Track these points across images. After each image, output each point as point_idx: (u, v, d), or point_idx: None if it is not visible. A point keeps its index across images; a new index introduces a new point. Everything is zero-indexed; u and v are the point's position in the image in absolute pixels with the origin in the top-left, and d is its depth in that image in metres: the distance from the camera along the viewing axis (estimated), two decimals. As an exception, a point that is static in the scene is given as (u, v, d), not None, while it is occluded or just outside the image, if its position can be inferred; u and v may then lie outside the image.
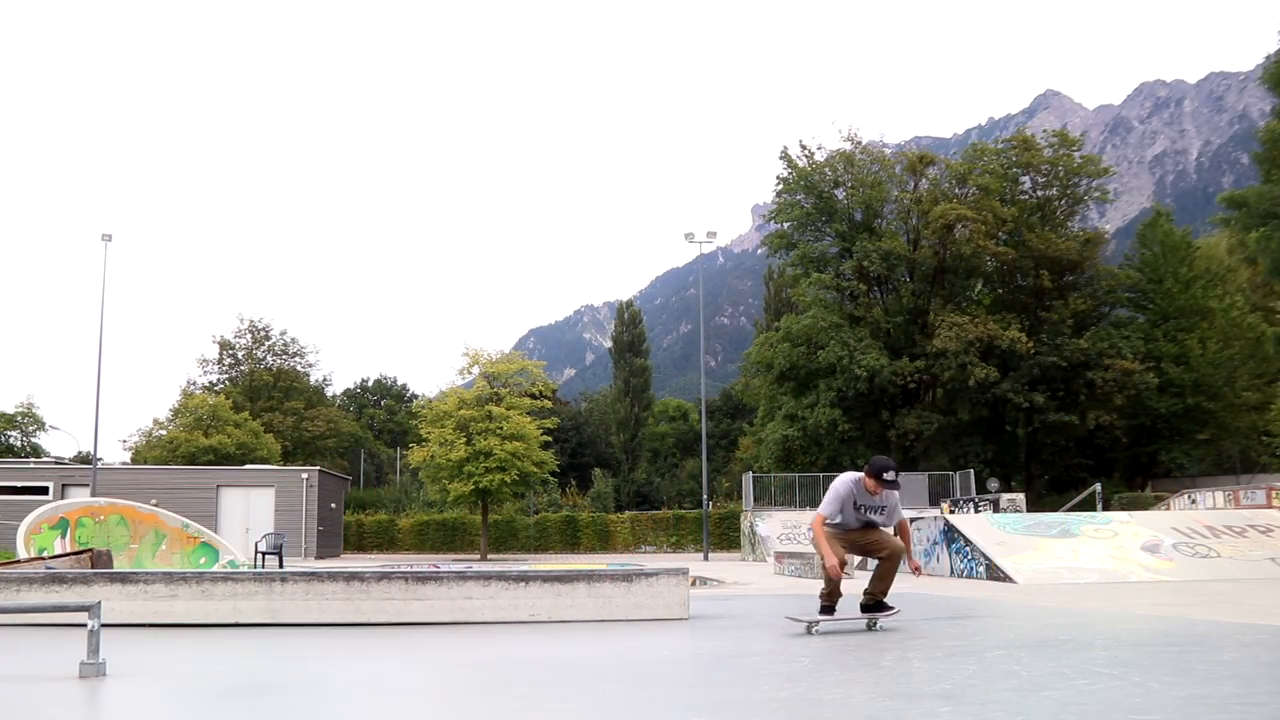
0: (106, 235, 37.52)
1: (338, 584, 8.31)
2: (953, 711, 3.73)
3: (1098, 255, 46.98)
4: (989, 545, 16.07)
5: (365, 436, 79.15)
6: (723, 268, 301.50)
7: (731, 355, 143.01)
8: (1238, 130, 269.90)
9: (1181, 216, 60.69)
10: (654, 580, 8.49)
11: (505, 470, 36.98)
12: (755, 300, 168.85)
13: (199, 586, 8.27)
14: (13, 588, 8.03)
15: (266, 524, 35.18)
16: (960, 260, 44.38)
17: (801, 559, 19.28)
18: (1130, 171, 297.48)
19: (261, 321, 72.59)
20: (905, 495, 39.03)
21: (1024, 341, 40.98)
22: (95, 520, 18.98)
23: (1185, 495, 30.95)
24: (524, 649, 6.57)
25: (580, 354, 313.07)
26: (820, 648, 6.25)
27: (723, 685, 4.85)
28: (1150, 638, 6.79)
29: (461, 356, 41.26)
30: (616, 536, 49.34)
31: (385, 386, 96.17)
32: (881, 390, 42.70)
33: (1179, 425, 42.76)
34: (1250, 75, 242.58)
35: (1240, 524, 17.38)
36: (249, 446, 54.21)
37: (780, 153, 46.92)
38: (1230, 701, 3.94)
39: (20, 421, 62.61)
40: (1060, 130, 50.50)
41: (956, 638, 6.71)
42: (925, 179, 47.54)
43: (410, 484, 61.87)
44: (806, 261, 47.05)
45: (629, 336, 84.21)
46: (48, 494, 36.53)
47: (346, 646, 6.81)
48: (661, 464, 78.45)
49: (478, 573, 8.60)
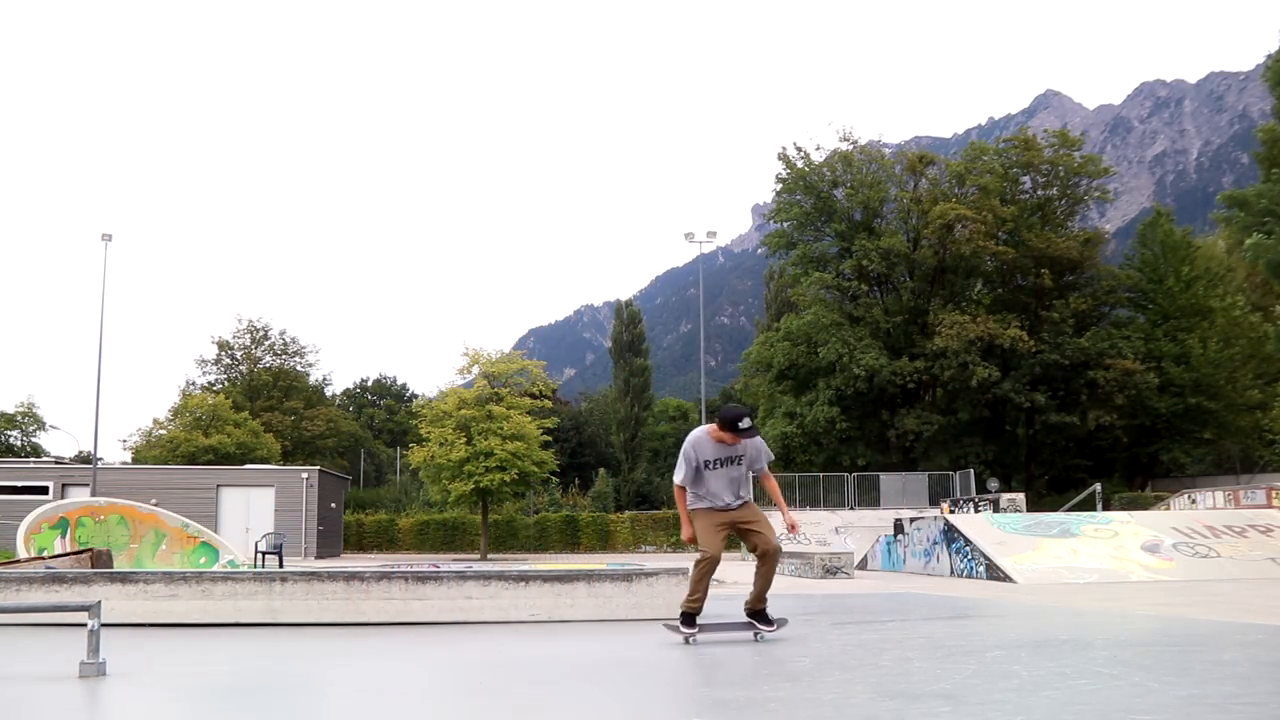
0: (106, 235, 37.52)
1: (338, 584, 8.31)
2: (953, 711, 3.73)
3: (1098, 255, 47.01)
4: (989, 545, 16.08)
5: (365, 436, 79.14)
6: (723, 268, 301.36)
7: (731, 355, 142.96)
8: (1238, 130, 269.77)
9: (1181, 216, 60.65)
10: (654, 580, 8.50)
11: (505, 470, 36.96)
12: (755, 300, 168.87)
13: (199, 586, 8.27)
14: (13, 587, 8.03)
15: (266, 524, 35.15)
16: (960, 260, 44.39)
17: (801, 559, 19.28)
18: (1130, 171, 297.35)
19: (260, 321, 72.69)
20: (906, 495, 38.57)
21: (1025, 341, 40.99)
22: (95, 520, 18.97)
23: (1185, 495, 30.96)
24: (524, 649, 6.57)
25: (580, 354, 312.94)
26: (820, 648, 6.25)
27: (723, 685, 4.85)
28: (1150, 638, 6.79)
29: (461, 356, 41.27)
30: (616, 536, 49.34)
31: (385, 386, 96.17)
32: (881, 390, 42.70)
33: (1179, 425, 42.75)
34: (1250, 75, 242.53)
35: (1240, 524, 17.40)
36: (249, 446, 54.20)
37: (778, 154, 47.00)
38: (1230, 701, 3.94)
39: (20, 421, 62.56)
40: (1060, 130, 50.55)
41: (956, 638, 6.70)
42: (925, 179, 47.55)
43: (410, 484, 61.85)
44: (806, 261, 47.08)
45: (629, 336, 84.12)
46: (48, 494, 36.51)
47: (346, 646, 6.81)
48: (661, 464, 78.37)
49: (478, 573, 8.61)
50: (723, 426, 6.54)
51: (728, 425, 6.50)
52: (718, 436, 6.56)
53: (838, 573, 17.83)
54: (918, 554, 19.22)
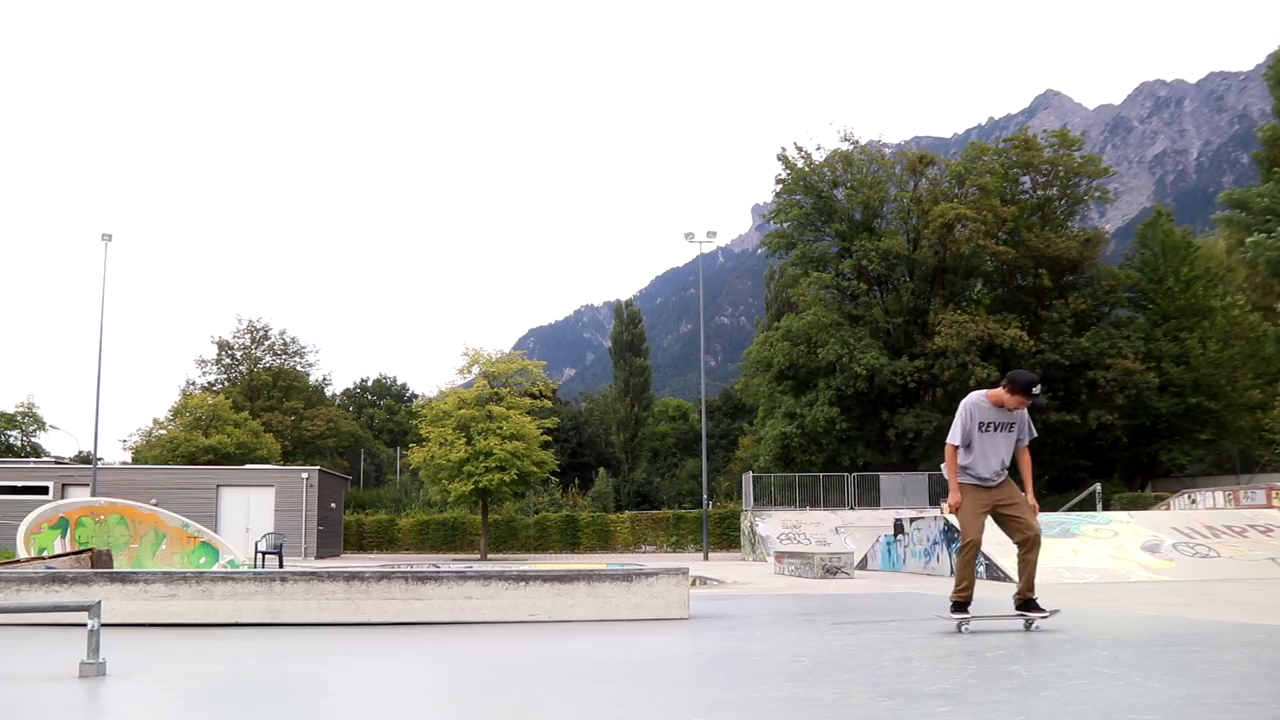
0: (106, 235, 37.53)
1: (338, 584, 8.31)
2: (953, 711, 3.73)
3: (1098, 255, 46.99)
4: (989, 545, 16.05)
5: (365, 436, 79.13)
6: (723, 268, 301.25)
7: (731, 355, 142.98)
8: (1238, 130, 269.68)
9: (1181, 216, 60.62)
10: (654, 580, 8.49)
11: (505, 470, 36.97)
12: (755, 300, 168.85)
13: (199, 586, 8.27)
14: (13, 587, 8.03)
15: (266, 524, 35.16)
16: (960, 260, 44.38)
17: (801, 559, 19.28)
18: (1130, 171, 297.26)
19: (260, 321, 72.67)
20: (906, 495, 38.61)
21: (1025, 341, 40.98)
22: (95, 520, 18.99)
23: (1185, 495, 30.96)
24: (524, 649, 6.57)
25: (580, 354, 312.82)
26: (820, 648, 6.25)
27: (723, 685, 4.84)
28: (1150, 638, 6.79)
29: (461, 356, 41.28)
30: (616, 536, 49.34)
31: (385, 386, 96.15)
32: (881, 389, 42.69)
33: (1179, 425, 42.74)
34: (1250, 75, 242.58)
35: (1240, 524, 17.39)
36: (249, 446, 54.20)
37: (777, 155, 47.00)
38: (1230, 701, 3.93)
39: (20, 421, 62.55)
40: (1060, 130, 50.54)
41: (956, 638, 6.70)
42: (925, 179, 47.54)
43: (410, 484, 61.83)
44: (806, 261, 47.07)
45: (629, 336, 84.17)
46: (48, 494, 36.51)
47: (346, 646, 6.81)
48: (661, 464, 78.46)
49: (478, 572, 8.61)
50: (1014, 390, 6.47)
51: (1021, 389, 6.44)
52: (997, 400, 6.54)
53: (838, 573, 17.83)
54: (918, 554, 19.22)
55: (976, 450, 6.62)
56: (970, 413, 6.64)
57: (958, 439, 6.66)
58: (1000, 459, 6.67)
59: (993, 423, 6.61)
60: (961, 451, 6.67)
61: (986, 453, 6.62)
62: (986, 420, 6.61)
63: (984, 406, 6.64)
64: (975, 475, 6.64)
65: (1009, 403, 6.53)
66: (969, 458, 6.64)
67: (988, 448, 6.63)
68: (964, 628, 6.59)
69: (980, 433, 6.61)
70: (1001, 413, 6.61)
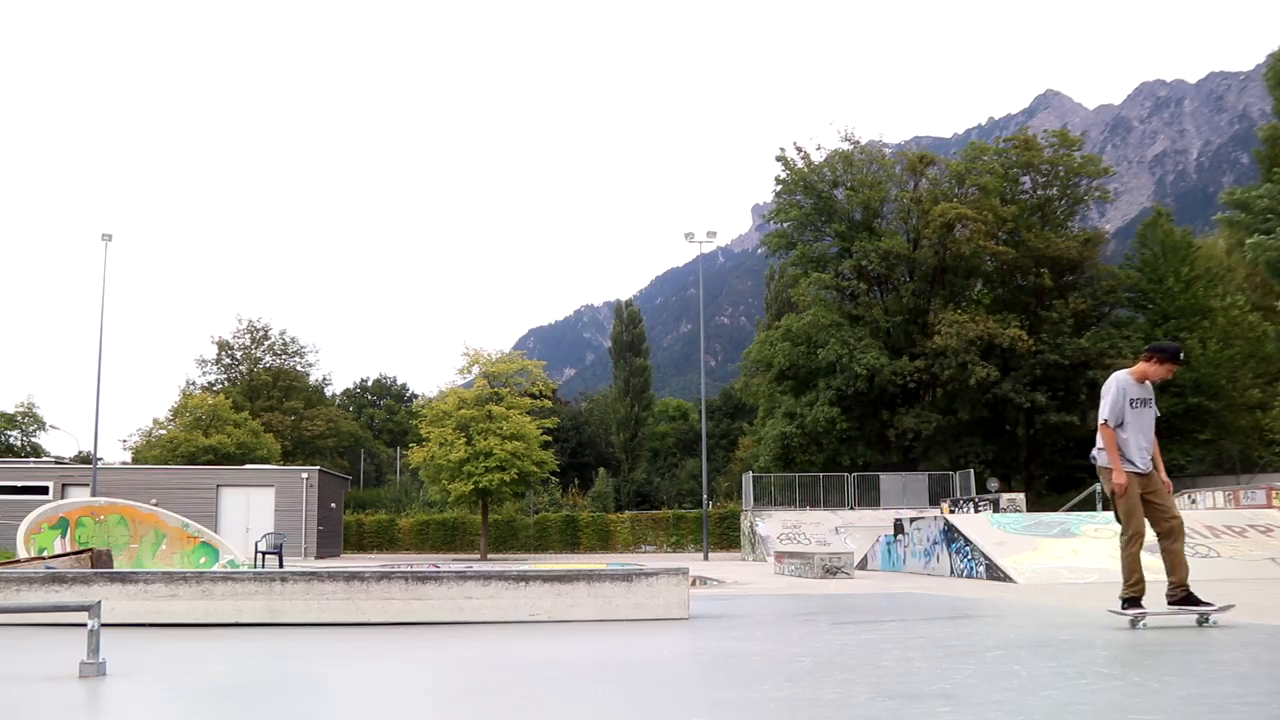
0: (106, 235, 37.54)
1: (338, 584, 8.31)
2: (953, 711, 3.73)
3: (1098, 255, 47.00)
4: (989, 545, 16.06)
5: (365, 436, 79.16)
6: (723, 268, 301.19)
7: (731, 355, 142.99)
8: (1238, 130, 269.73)
9: (1181, 216, 60.64)
10: (654, 580, 8.49)
11: (505, 470, 36.99)
12: (755, 300, 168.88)
13: (199, 586, 8.27)
14: (13, 587, 8.03)
15: (266, 524, 35.17)
16: (960, 260, 44.39)
17: (801, 559, 19.28)
18: (1130, 171, 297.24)
19: (260, 321, 72.72)
20: (906, 495, 38.67)
21: (1025, 340, 40.98)
22: (95, 520, 18.99)
23: (1185, 495, 30.93)
24: (524, 649, 6.57)
25: (580, 354, 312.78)
26: (820, 648, 6.25)
27: (723, 685, 4.84)
28: (1150, 638, 6.79)
29: (461, 356, 41.32)
30: (616, 536, 49.36)
31: (385, 386, 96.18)
32: (881, 389, 42.71)
33: (1179, 425, 42.70)
34: (1250, 75, 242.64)
35: (1240, 524, 17.39)
36: (249, 446, 54.22)
37: (777, 155, 46.99)
38: (1230, 701, 3.93)
39: (20, 421, 62.57)
40: (1060, 130, 50.53)
41: (956, 638, 6.70)
42: (925, 179, 47.57)
43: (410, 484, 61.88)
44: (806, 261, 47.08)
45: (629, 336, 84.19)
46: (48, 494, 36.53)
47: (346, 646, 6.81)
48: (661, 464, 78.48)
49: (478, 572, 8.60)
50: (1164, 359, 6.47)
51: (1171, 356, 6.45)
52: (1140, 375, 6.53)
53: (838, 573, 17.83)
54: (918, 554, 19.21)
55: (1130, 428, 6.61)
56: (1122, 389, 6.62)
57: (1113, 417, 6.62)
58: (1148, 437, 6.69)
59: (1139, 398, 6.63)
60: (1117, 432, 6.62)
61: (1138, 429, 6.62)
62: (1135, 396, 6.63)
63: (1131, 383, 6.64)
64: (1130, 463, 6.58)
65: (1156, 374, 6.55)
66: (1120, 438, 6.62)
67: (1137, 425, 6.63)
68: (1139, 624, 6.51)
69: (1131, 409, 6.61)
70: (1144, 388, 6.66)
